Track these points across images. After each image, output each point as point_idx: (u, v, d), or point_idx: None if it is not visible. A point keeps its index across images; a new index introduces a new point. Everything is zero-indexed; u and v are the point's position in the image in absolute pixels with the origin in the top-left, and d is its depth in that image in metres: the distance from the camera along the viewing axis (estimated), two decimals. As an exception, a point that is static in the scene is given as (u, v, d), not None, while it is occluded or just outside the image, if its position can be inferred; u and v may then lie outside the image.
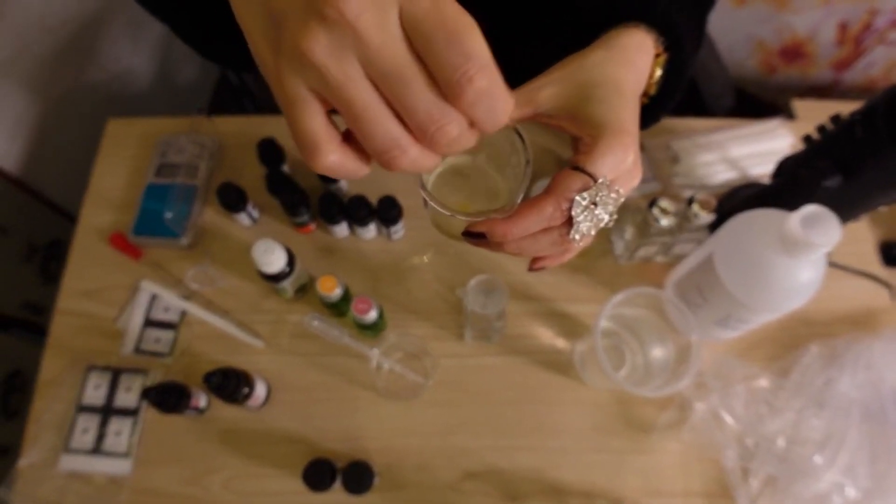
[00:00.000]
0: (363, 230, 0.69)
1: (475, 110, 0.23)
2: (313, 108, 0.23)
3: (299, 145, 0.24)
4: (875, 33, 0.94)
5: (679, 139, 0.76)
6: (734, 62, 1.07)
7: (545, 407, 0.64)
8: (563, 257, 0.36)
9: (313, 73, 0.22)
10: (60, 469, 0.61)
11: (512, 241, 0.33)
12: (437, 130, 0.23)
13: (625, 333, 0.65)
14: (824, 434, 0.59)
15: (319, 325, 0.60)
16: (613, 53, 0.37)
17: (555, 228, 0.33)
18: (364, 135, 0.24)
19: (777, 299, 0.52)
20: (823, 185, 0.55)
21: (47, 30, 0.83)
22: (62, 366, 0.65)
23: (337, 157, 0.25)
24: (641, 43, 0.38)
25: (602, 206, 0.32)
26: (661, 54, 0.40)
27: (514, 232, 0.32)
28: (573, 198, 0.31)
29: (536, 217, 0.32)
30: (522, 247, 0.33)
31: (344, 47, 0.22)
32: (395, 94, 0.23)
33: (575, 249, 0.35)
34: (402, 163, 0.25)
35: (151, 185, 0.73)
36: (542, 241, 0.33)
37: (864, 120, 0.53)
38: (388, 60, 0.22)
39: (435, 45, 0.22)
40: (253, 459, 0.62)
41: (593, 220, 0.32)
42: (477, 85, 0.22)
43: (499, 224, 0.32)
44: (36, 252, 0.90)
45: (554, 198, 0.32)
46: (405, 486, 0.61)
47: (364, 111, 0.23)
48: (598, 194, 0.32)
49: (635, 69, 0.38)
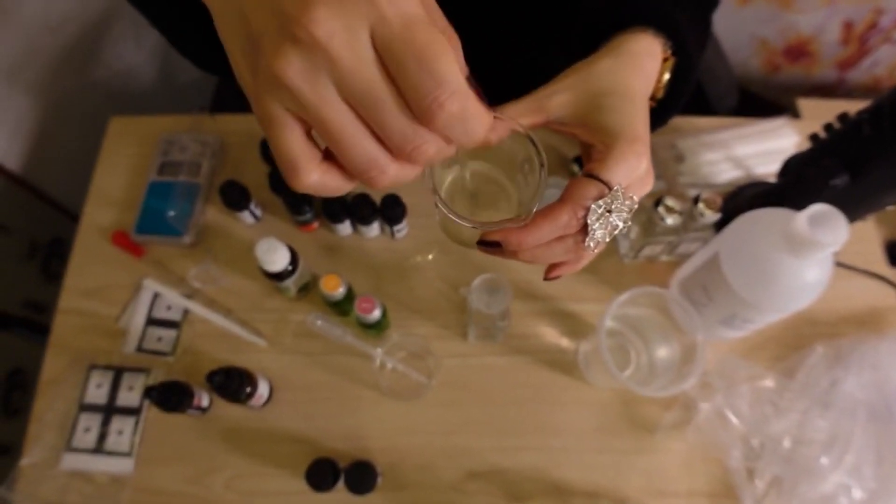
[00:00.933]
0: (366, 229, 0.69)
1: (449, 132, 0.23)
2: (291, 129, 0.24)
3: (280, 165, 0.24)
4: (880, 32, 0.94)
5: (684, 138, 0.76)
6: (738, 61, 1.07)
7: (549, 406, 0.64)
8: (578, 265, 0.36)
9: (288, 95, 0.22)
10: (62, 468, 0.61)
11: (527, 251, 0.32)
12: (414, 150, 0.23)
13: (629, 333, 0.64)
14: (830, 435, 0.58)
15: (322, 324, 0.60)
16: (622, 60, 0.37)
17: (570, 236, 0.33)
18: (343, 155, 0.24)
19: (783, 299, 0.51)
20: (830, 184, 0.55)
21: (49, 28, 0.83)
22: (64, 364, 0.65)
23: (317, 176, 0.25)
24: (649, 48, 0.38)
25: (617, 214, 0.32)
26: (668, 58, 0.40)
27: (529, 241, 0.32)
28: (589, 206, 0.32)
29: (552, 226, 0.32)
30: (536, 255, 0.33)
31: (317, 69, 0.22)
32: (370, 115, 0.23)
33: (589, 257, 0.35)
34: (382, 181, 0.25)
35: (154, 183, 0.73)
36: (556, 249, 0.33)
37: (871, 119, 0.52)
38: (360, 82, 0.22)
39: (405, 68, 0.22)
40: (255, 459, 0.61)
41: (608, 227, 0.32)
42: (448, 110, 0.22)
43: (514, 233, 0.32)
44: (38, 250, 0.90)
45: (570, 206, 0.32)
46: (408, 486, 0.60)
47: (340, 132, 0.23)
48: (614, 202, 0.32)
49: (644, 75, 0.38)
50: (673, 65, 0.41)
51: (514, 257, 0.33)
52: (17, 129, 0.80)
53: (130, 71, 1.02)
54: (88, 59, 0.92)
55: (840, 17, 0.93)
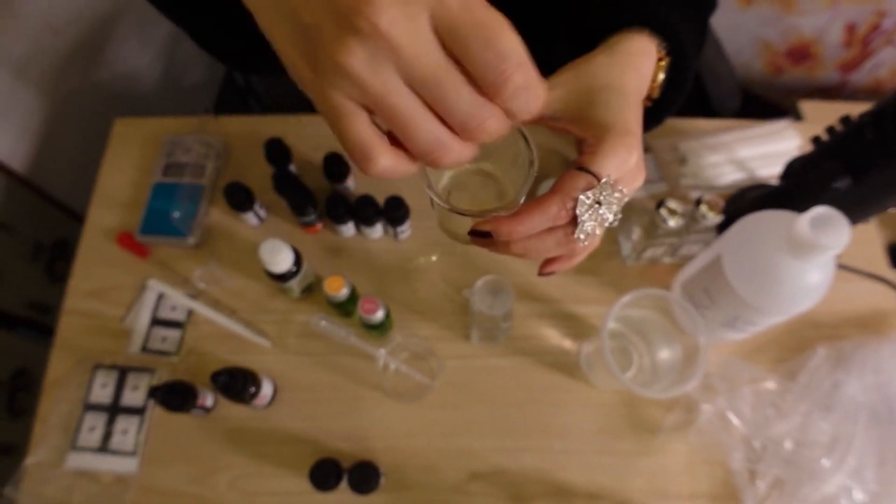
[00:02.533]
0: (370, 230, 0.69)
1: (513, 104, 0.24)
2: (359, 118, 0.24)
3: (351, 155, 0.25)
4: (883, 35, 0.94)
5: (686, 140, 0.76)
6: (741, 63, 1.07)
7: (551, 408, 0.64)
8: (571, 261, 0.36)
9: (354, 85, 0.23)
10: (67, 467, 0.61)
11: (517, 241, 0.33)
12: (478, 126, 0.25)
13: (632, 335, 0.64)
14: (832, 437, 0.58)
15: (327, 325, 0.60)
16: (617, 58, 0.37)
17: (559, 228, 0.33)
18: (409, 139, 0.25)
19: (786, 301, 0.52)
20: (832, 186, 0.55)
21: (54, 30, 0.83)
22: (69, 365, 0.65)
23: (389, 160, 0.25)
24: (644, 48, 0.39)
25: (606, 206, 0.32)
26: (663, 59, 0.41)
27: (519, 230, 0.32)
28: (578, 197, 0.32)
29: (541, 216, 0.32)
30: (528, 247, 0.33)
31: (380, 58, 0.22)
32: (435, 98, 0.24)
33: (581, 252, 0.35)
34: (447, 160, 0.26)
35: (158, 184, 0.73)
36: (547, 242, 0.34)
37: (873, 121, 0.52)
38: (424, 67, 0.23)
39: (470, 47, 0.22)
40: (259, 459, 0.62)
41: (598, 219, 0.32)
42: (515, 82, 0.23)
43: (504, 222, 0.32)
44: (42, 251, 0.90)
45: (559, 196, 0.32)
46: (411, 487, 0.61)
47: (407, 117, 0.24)
48: (602, 193, 0.32)
49: (638, 73, 0.38)
50: (668, 65, 0.41)
51: (506, 249, 0.34)
52: (22, 131, 0.81)
53: (134, 72, 1.03)
54: (92, 60, 0.93)
55: (843, 19, 0.93)
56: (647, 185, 0.74)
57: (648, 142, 0.77)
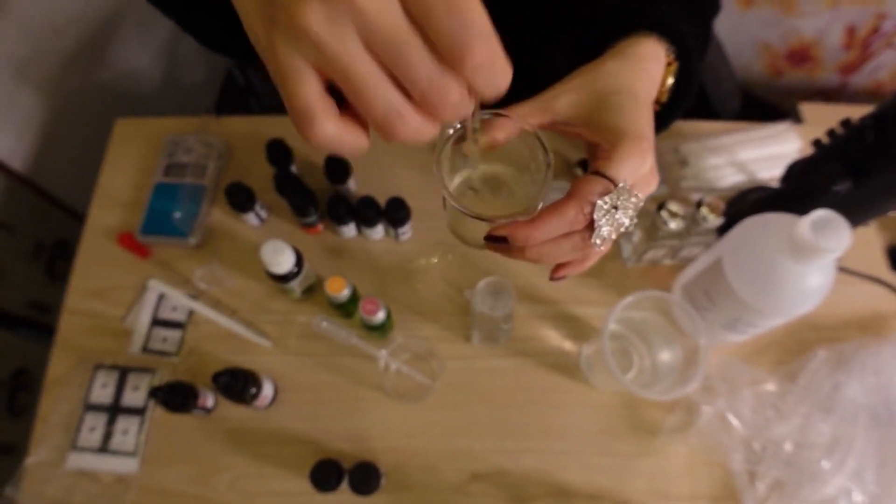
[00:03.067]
0: (371, 231, 0.69)
1: (476, 78, 0.23)
2: (309, 79, 0.23)
3: (294, 118, 0.24)
4: (883, 37, 0.94)
5: (687, 142, 0.76)
6: (741, 65, 1.07)
7: (552, 409, 0.64)
8: (584, 265, 0.36)
9: (309, 45, 0.22)
10: (68, 467, 0.61)
11: (534, 246, 0.32)
12: (439, 99, 0.23)
13: (632, 336, 0.65)
14: (832, 439, 0.58)
15: (328, 326, 0.60)
16: (628, 63, 0.37)
17: (576, 233, 0.33)
18: (364, 105, 0.23)
19: (786, 304, 0.52)
20: (833, 189, 0.55)
21: (55, 29, 0.83)
22: (70, 365, 0.65)
23: (333, 127, 0.24)
24: (653, 52, 0.39)
25: (622, 211, 0.32)
26: (671, 63, 0.41)
27: (536, 236, 0.32)
28: (595, 202, 0.32)
29: (558, 221, 0.32)
30: (543, 252, 0.33)
31: (340, 18, 0.21)
32: (395, 63, 0.22)
33: (595, 255, 0.35)
34: (403, 132, 0.24)
35: (159, 184, 0.73)
36: (563, 247, 0.33)
37: (874, 124, 0.53)
38: (386, 29, 0.21)
39: (434, 13, 0.21)
40: (260, 459, 0.62)
41: (614, 224, 0.32)
42: (478, 53, 0.22)
43: (521, 227, 0.32)
44: (42, 251, 0.90)
45: (576, 201, 0.32)
46: (411, 488, 0.61)
47: (363, 80, 0.22)
48: (619, 198, 0.32)
49: (648, 77, 0.38)
50: (676, 69, 0.41)
51: (520, 255, 0.33)
52: (23, 130, 0.81)
53: (135, 73, 1.03)
54: (93, 60, 0.93)
55: (843, 21, 0.93)
56: (647, 187, 0.74)
57: (649, 143, 0.77)
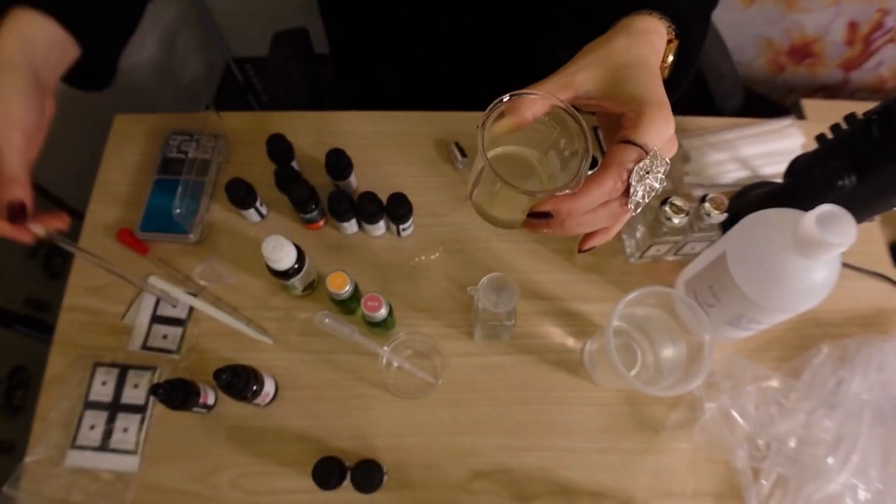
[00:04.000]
0: (372, 227, 0.69)
1: None
2: None
3: None
4: (886, 33, 0.94)
5: (690, 138, 0.76)
6: (742, 61, 1.07)
7: (554, 406, 0.64)
8: (609, 233, 0.39)
9: None
10: (67, 465, 0.60)
11: (576, 217, 0.35)
12: None
13: (635, 333, 0.64)
14: (836, 435, 0.58)
15: (330, 322, 0.60)
16: (635, 37, 0.40)
17: (614, 201, 0.35)
18: None
19: (791, 300, 0.51)
20: (838, 184, 0.55)
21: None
22: (69, 362, 0.65)
23: None
24: (656, 27, 0.42)
25: (653, 175, 0.35)
26: (672, 40, 0.43)
27: (579, 207, 0.35)
28: (631, 168, 0.34)
29: (598, 191, 0.35)
30: (583, 222, 0.36)
31: None
32: None
33: (620, 223, 0.39)
34: None
35: (159, 180, 0.73)
36: (601, 214, 0.36)
37: (880, 119, 0.52)
38: None
39: None
40: (261, 457, 0.61)
41: (647, 188, 0.35)
42: None
43: (565, 200, 0.35)
44: (39, 248, 0.90)
45: (614, 170, 0.34)
46: (414, 486, 0.60)
47: None
48: (653, 163, 0.35)
49: (654, 50, 0.41)
50: (676, 48, 0.44)
51: (560, 227, 0.36)
52: (20, 126, 0.80)
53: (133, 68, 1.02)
54: (92, 55, 0.92)
55: (845, 17, 0.93)
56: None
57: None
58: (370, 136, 0.77)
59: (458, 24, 0.70)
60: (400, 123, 0.78)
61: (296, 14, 1.12)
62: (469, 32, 0.71)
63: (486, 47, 0.72)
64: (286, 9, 1.14)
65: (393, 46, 0.79)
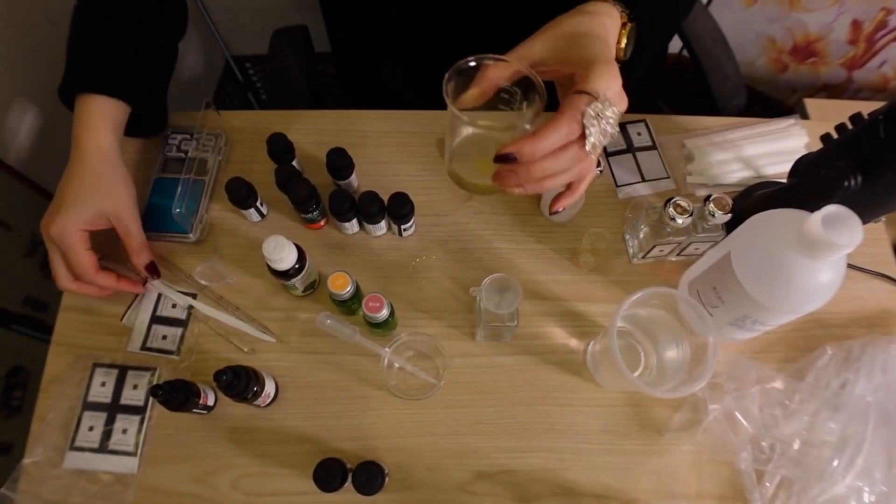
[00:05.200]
0: (374, 227, 0.68)
1: None
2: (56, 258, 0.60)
3: None
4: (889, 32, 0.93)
5: (693, 137, 0.75)
6: (745, 61, 1.07)
7: (557, 408, 0.63)
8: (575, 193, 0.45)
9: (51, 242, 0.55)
10: (66, 467, 0.60)
11: (538, 162, 0.39)
12: None
13: (638, 334, 0.64)
14: (840, 437, 0.58)
15: (332, 323, 0.59)
16: (586, 16, 0.46)
17: (572, 144, 0.40)
18: None
19: (796, 301, 0.51)
20: (843, 185, 0.54)
21: (50, 22, 0.82)
22: (67, 362, 0.64)
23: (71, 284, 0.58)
24: (607, 10, 0.47)
25: (605, 120, 0.39)
26: (626, 25, 0.48)
27: (540, 148, 0.39)
28: (584, 110, 0.39)
29: (556, 133, 0.39)
30: (546, 167, 0.40)
31: None
32: None
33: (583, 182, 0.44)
34: None
35: (158, 179, 0.72)
36: (562, 159, 0.40)
37: (886, 120, 0.52)
38: None
39: None
40: (261, 458, 0.61)
41: (600, 131, 0.39)
42: None
43: (526, 141, 0.39)
44: (38, 247, 0.89)
45: (568, 112, 0.39)
46: (416, 487, 0.60)
47: None
48: (603, 106, 0.39)
49: (605, 28, 0.46)
50: (630, 32, 0.49)
51: (526, 174, 0.40)
52: (17, 125, 0.79)
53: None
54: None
55: (848, 16, 0.93)
56: (654, 182, 0.74)
57: (655, 138, 0.76)
58: (371, 135, 0.77)
59: (460, 22, 0.70)
60: (401, 122, 0.77)
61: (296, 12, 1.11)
62: (471, 31, 0.70)
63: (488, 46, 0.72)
64: (286, 6, 1.14)
65: (394, 44, 0.78)
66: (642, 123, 0.77)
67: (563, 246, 0.70)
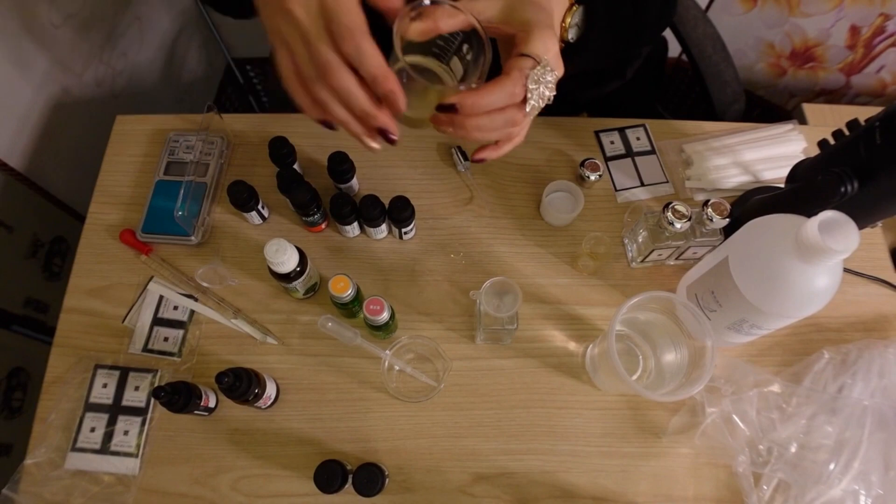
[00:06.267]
0: (375, 230, 0.68)
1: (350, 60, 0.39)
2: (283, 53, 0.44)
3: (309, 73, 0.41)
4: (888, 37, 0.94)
5: (691, 142, 0.76)
6: (743, 65, 1.07)
7: (556, 410, 0.64)
8: (500, 151, 0.46)
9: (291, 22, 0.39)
10: (67, 468, 0.60)
11: (476, 116, 0.40)
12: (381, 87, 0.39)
13: (637, 337, 0.64)
14: (837, 441, 0.58)
15: (334, 326, 0.60)
16: None
17: (512, 107, 0.41)
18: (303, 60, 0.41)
19: (793, 305, 0.51)
20: (840, 190, 0.55)
21: (54, 25, 0.82)
22: (69, 364, 0.64)
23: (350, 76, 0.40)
24: None
25: (544, 85, 0.41)
26: (574, 5, 0.50)
27: (482, 104, 0.40)
28: (528, 74, 0.40)
29: (501, 92, 0.40)
30: (481, 124, 0.41)
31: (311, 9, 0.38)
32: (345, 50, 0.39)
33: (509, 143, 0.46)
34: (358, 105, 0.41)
35: (160, 182, 0.72)
36: (498, 120, 0.41)
37: (882, 126, 0.52)
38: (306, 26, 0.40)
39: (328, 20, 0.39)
40: (262, 460, 0.61)
41: (540, 94, 0.41)
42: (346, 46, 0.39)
43: (470, 95, 0.39)
44: (39, 249, 0.89)
45: (515, 74, 0.40)
46: (415, 489, 0.60)
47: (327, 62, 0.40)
48: (545, 70, 0.41)
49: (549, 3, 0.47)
50: (575, 14, 0.50)
51: (462, 126, 0.41)
52: (20, 127, 0.80)
53: (134, 69, 1.02)
54: (92, 56, 0.92)
55: (847, 21, 0.93)
56: (653, 187, 0.74)
57: (655, 143, 0.77)
58: (372, 138, 0.77)
59: None
60: (402, 127, 0.77)
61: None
62: None
63: None
64: (288, 10, 1.14)
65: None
66: (641, 128, 0.78)
67: (563, 250, 0.71)
